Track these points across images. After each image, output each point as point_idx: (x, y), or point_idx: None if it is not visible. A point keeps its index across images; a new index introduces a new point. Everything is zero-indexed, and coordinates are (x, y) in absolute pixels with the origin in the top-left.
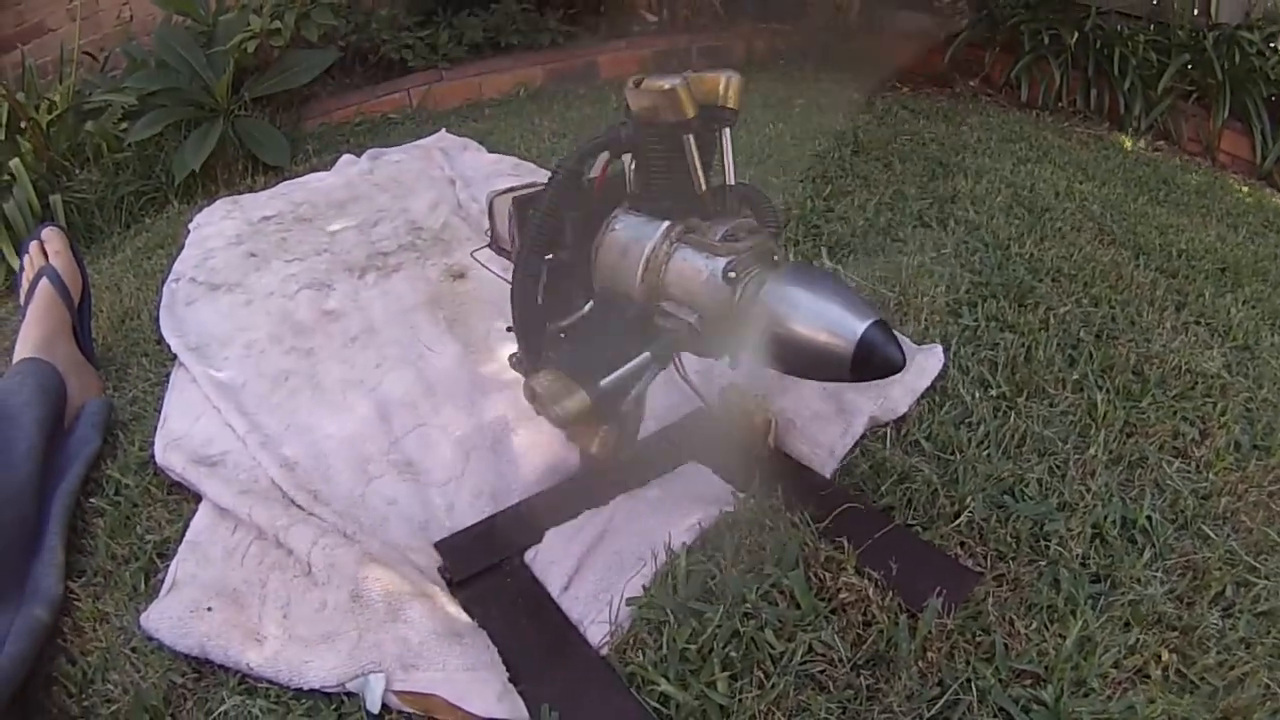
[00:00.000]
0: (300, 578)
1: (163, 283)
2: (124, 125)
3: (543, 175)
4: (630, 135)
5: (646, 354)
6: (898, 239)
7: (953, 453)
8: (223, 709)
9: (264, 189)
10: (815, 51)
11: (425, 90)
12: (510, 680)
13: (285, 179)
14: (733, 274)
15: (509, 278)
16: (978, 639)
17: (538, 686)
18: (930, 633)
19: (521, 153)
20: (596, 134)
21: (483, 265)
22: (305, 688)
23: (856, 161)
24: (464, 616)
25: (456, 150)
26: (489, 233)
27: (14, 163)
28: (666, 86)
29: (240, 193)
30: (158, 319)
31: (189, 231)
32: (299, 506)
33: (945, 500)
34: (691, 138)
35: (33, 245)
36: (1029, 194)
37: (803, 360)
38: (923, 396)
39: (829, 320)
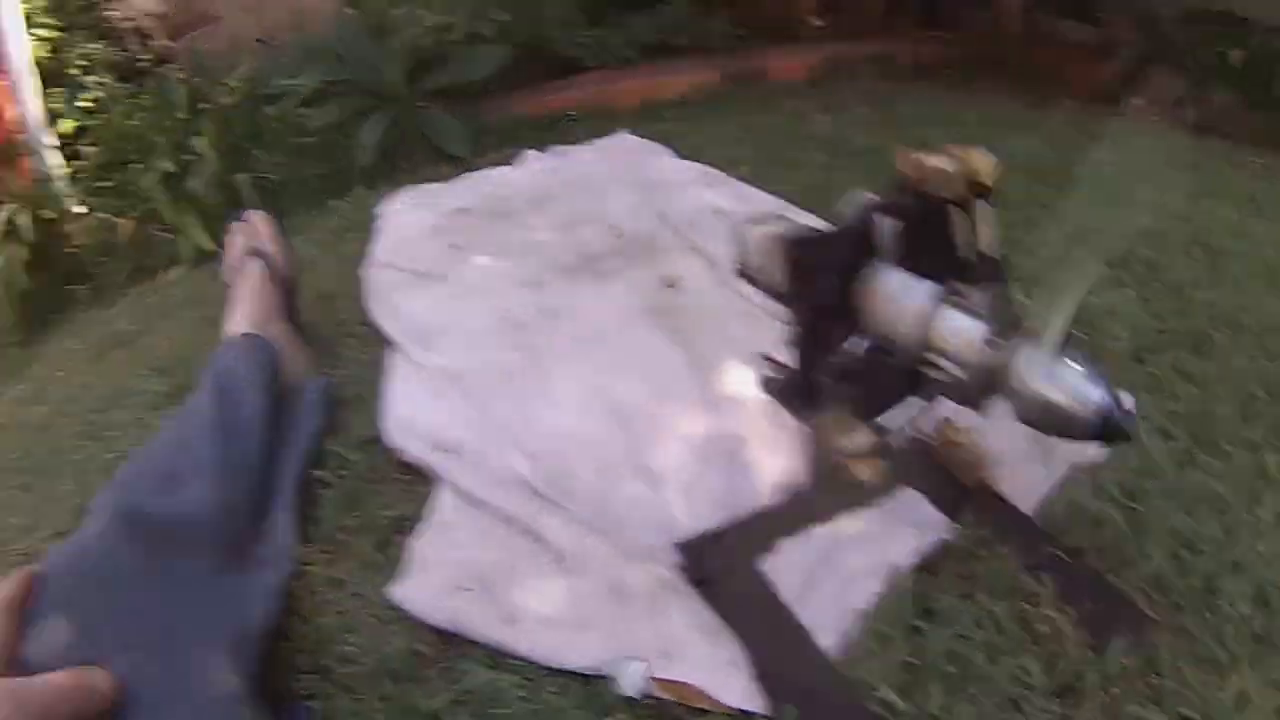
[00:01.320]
0: (552, 564)
1: (362, 267)
2: (303, 111)
3: (759, 198)
4: (909, 204)
5: (918, 399)
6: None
7: (1138, 502)
8: (468, 678)
9: (446, 179)
10: (979, 61)
11: (600, 89)
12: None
13: (466, 171)
14: (996, 340)
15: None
16: (1151, 682)
17: (776, 685)
18: (1114, 671)
19: (707, 159)
20: (875, 195)
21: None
22: (564, 668)
23: (1034, 186)
24: (713, 614)
25: (644, 154)
26: (739, 261)
27: (200, 142)
28: (947, 168)
29: (424, 182)
30: (364, 304)
31: (378, 218)
32: (545, 498)
33: (1130, 548)
34: (959, 210)
35: (239, 225)
36: (1205, 233)
37: (1052, 424)
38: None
39: (1078, 393)
